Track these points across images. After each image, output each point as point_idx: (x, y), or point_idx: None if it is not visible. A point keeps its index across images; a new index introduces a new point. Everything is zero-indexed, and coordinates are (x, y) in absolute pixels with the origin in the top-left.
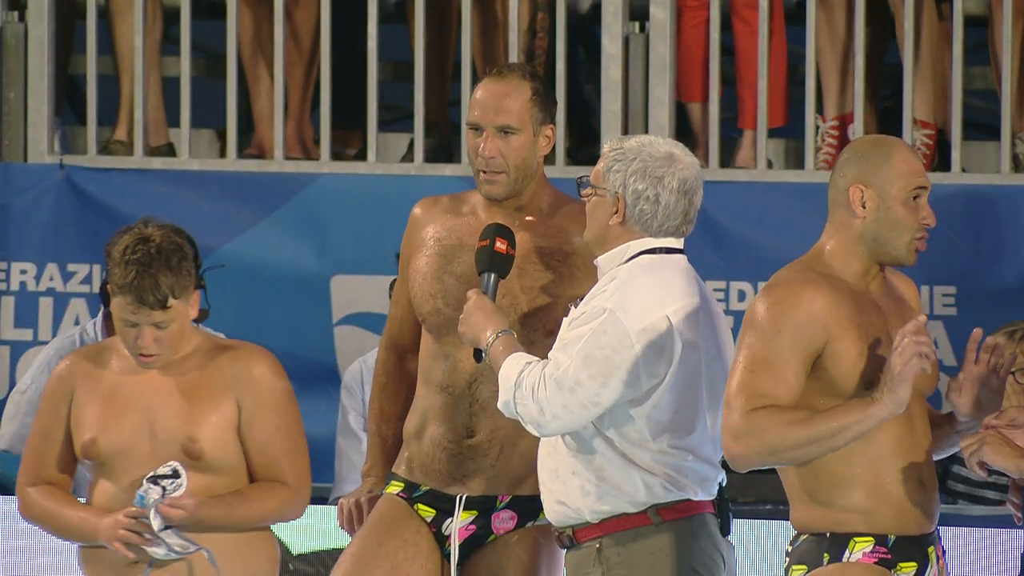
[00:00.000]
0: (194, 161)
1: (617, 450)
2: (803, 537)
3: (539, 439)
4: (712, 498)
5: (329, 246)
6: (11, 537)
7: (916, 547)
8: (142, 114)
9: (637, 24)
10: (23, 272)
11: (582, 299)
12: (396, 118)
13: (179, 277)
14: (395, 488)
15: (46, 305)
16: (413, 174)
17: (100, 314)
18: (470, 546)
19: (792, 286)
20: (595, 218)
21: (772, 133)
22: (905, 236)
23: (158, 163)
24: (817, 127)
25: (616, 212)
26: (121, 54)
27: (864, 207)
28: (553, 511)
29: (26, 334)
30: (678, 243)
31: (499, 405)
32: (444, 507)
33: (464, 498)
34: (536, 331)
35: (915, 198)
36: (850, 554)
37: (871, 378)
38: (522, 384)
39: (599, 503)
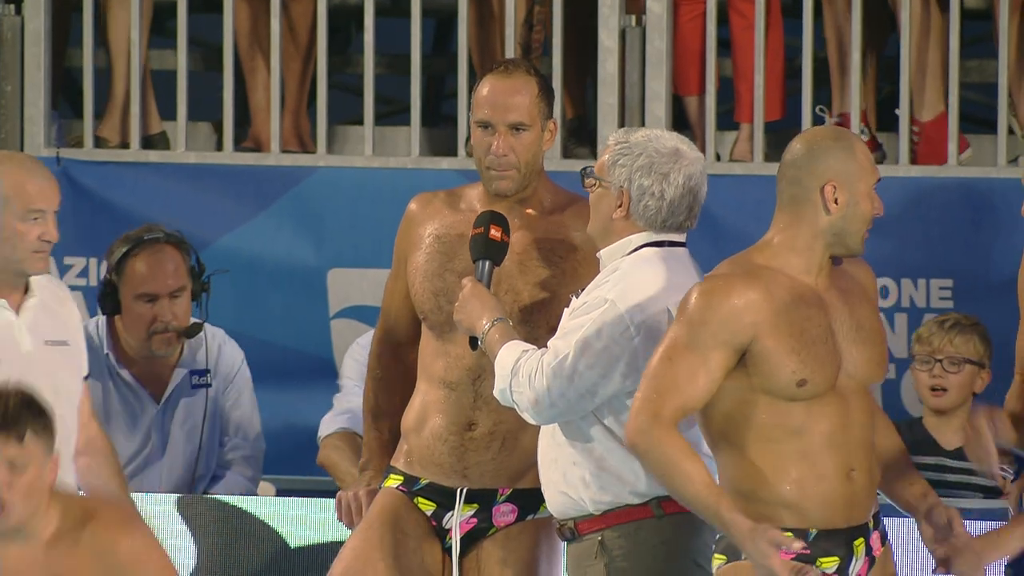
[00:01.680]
0: (191, 154)
1: (618, 440)
2: None
3: (540, 433)
4: None
5: (326, 239)
6: None
7: (839, 541)
8: (139, 108)
9: (634, 17)
10: None
11: (583, 290)
12: (392, 111)
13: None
14: (394, 481)
15: None
16: (410, 167)
17: (104, 320)
18: (471, 539)
19: (725, 280)
20: (598, 210)
21: (769, 127)
22: (864, 229)
23: (155, 156)
24: (823, 121)
25: (620, 206)
26: (111, 47)
27: (836, 203)
28: (555, 502)
29: None
30: (680, 237)
31: (495, 392)
32: (444, 501)
33: (465, 491)
34: (539, 327)
35: (872, 189)
36: None
37: (801, 375)
38: (519, 372)
39: (600, 493)
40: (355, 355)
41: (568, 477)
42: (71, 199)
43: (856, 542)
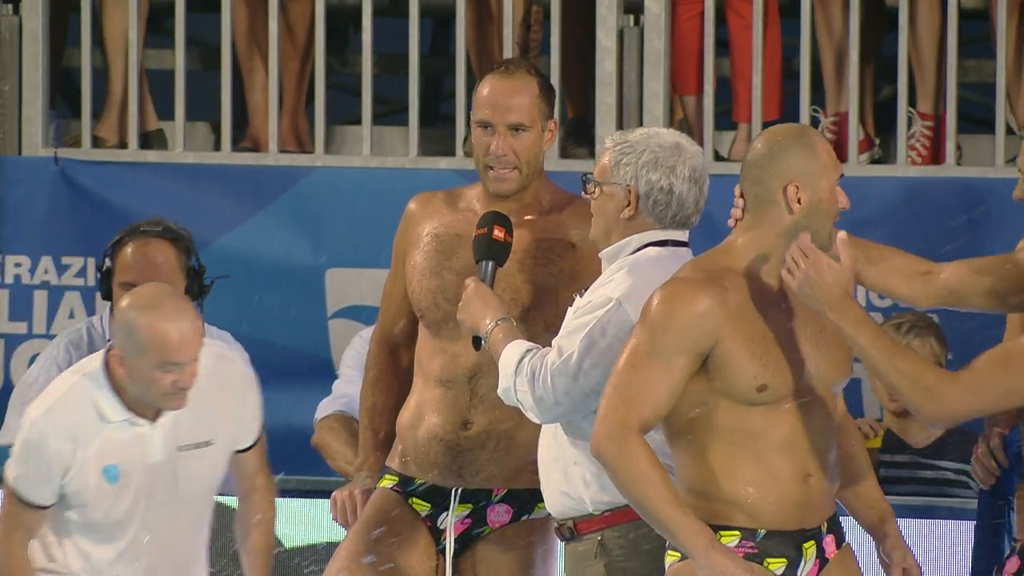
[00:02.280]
0: (189, 154)
1: None
2: None
3: (536, 432)
4: None
5: (324, 239)
6: None
7: (788, 543)
8: (136, 107)
9: (632, 17)
10: (17, 265)
11: (587, 288)
12: (390, 111)
13: None
14: (389, 482)
15: (40, 298)
16: (408, 167)
17: (108, 308)
18: (465, 540)
19: (687, 285)
20: (603, 213)
21: (767, 126)
22: (829, 225)
23: (153, 156)
24: (818, 122)
25: (628, 205)
26: (107, 47)
27: (799, 203)
28: (555, 502)
29: (20, 327)
30: (683, 235)
31: (499, 392)
32: (439, 501)
33: (460, 491)
34: (536, 325)
35: (836, 186)
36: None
37: (762, 380)
38: (523, 370)
39: (601, 493)
40: (356, 347)
41: (569, 476)
42: (68, 199)
43: (806, 544)
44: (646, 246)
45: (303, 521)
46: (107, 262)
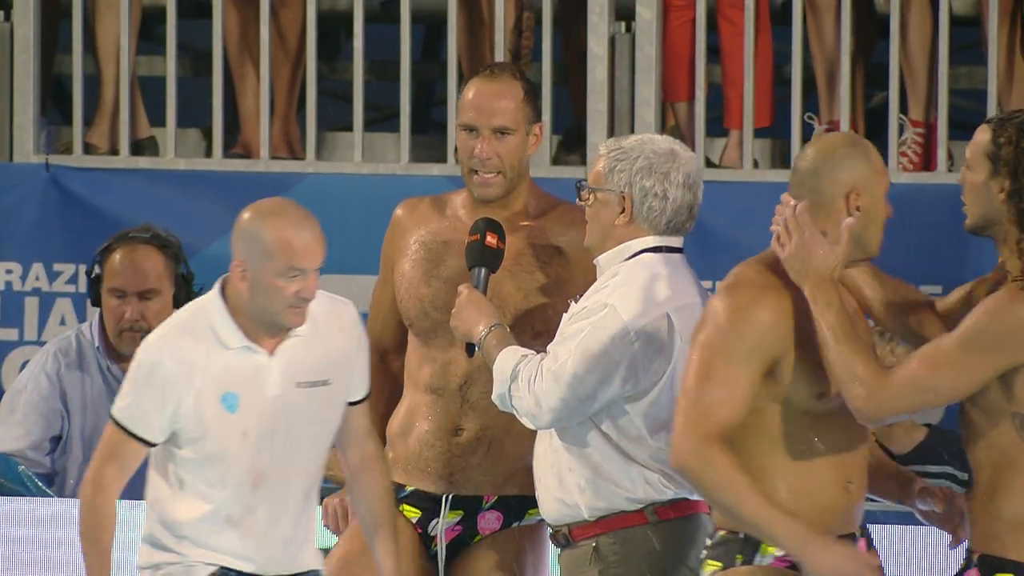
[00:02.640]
0: (180, 161)
1: (614, 445)
2: (720, 534)
3: (527, 439)
4: None
5: None
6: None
7: None
8: (128, 114)
9: (623, 24)
10: (8, 272)
11: (582, 295)
12: (382, 118)
13: None
14: None
15: (32, 305)
16: (400, 174)
17: (97, 315)
18: (456, 547)
19: (755, 290)
20: (598, 220)
21: (758, 133)
22: (880, 232)
23: (144, 163)
24: (812, 129)
25: (623, 212)
26: (99, 53)
27: (858, 210)
28: (549, 508)
29: (11, 334)
30: (678, 242)
31: (493, 398)
32: (429, 507)
33: (451, 498)
34: (524, 332)
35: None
36: (762, 557)
37: (822, 388)
38: (518, 376)
39: (596, 499)
40: None
41: (564, 483)
42: (60, 206)
43: None
44: (641, 252)
45: None
46: (96, 269)
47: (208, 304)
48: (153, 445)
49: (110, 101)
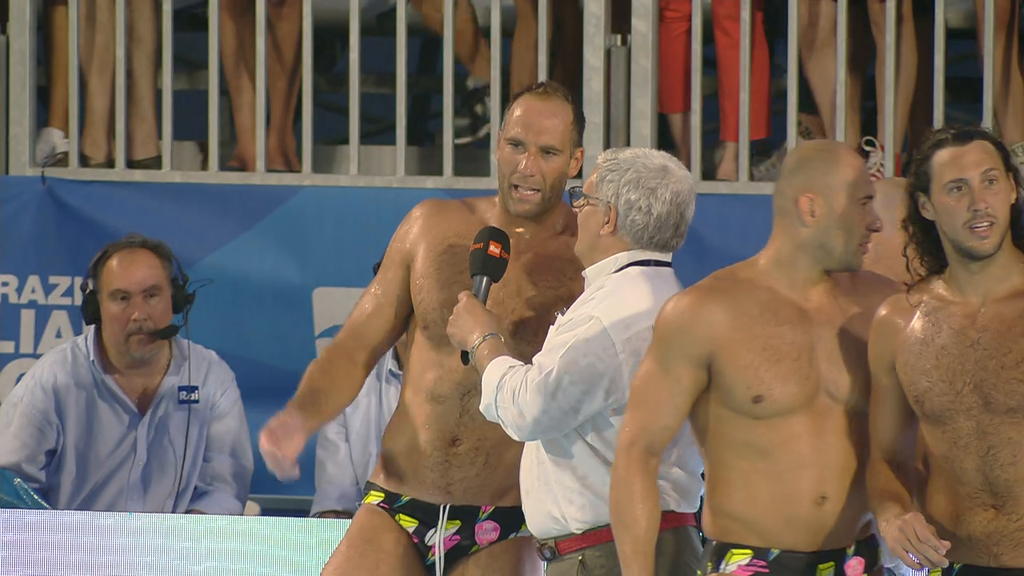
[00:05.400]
0: (176, 173)
1: (600, 458)
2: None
3: (523, 450)
4: (695, 510)
5: (311, 258)
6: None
7: (802, 565)
8: (124, 127)
9: (619, 36)
10: (4, 284)
11: (569, 307)
12: (378, 130)
13: None
14: (375, 498)
15: (28, 317)
16: (396, 186)
17: (93, 329)
18: (453, 557)
19: (689, 295)
20: (586, 228)
21: (754, 145)
22: (852, 242)
23: (140, 175)
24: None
25: (608, 222)
26: (91, 64)
27: (813, 215)
28: (535, 521)
29: (7, 346)
30: (666, 257)
31: (481, 408)
32: (426, 518)
33: (448, 507)
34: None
35: (863, 204)
36: (726, 565)
37: (757, 391)
38: (504, 387)
39: (582, 512)
40: None
41: (550, 496)
42: (56, 218)
43: (822, 566)
44: (629, 265)
45: (288, 541)
46: (90, 284)
47: None
48: None
49: (99, 111)
